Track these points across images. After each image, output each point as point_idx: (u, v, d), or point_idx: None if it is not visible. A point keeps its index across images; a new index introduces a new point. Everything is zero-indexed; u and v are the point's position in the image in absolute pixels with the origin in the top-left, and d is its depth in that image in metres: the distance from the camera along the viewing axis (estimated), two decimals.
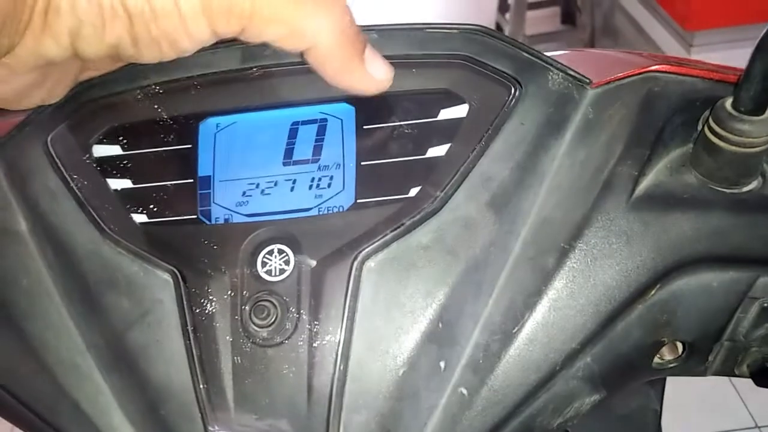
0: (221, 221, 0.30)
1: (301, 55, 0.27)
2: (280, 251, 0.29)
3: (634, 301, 0.27)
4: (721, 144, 0.26)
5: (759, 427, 1.37)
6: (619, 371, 0.28)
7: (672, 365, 0.30)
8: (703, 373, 0.31)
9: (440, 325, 0.27)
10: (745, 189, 0.27)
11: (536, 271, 0.28)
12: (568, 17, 2.42)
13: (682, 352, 0.29)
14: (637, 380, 0.31)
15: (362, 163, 0.30)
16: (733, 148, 0.26)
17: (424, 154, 0.30)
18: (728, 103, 0.26)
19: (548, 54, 0.32)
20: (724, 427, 1.38)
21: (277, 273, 0.29)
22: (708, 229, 0.27)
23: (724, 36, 1.88)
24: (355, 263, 0.28)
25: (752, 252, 0.27)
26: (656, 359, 0.30)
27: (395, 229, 0.28)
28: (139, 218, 0.30)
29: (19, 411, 0.30)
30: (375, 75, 0.28)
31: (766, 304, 0.27)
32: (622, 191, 0.28)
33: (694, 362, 0.30)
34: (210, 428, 0.27)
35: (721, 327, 0.28)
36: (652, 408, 0.54)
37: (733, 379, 1.50)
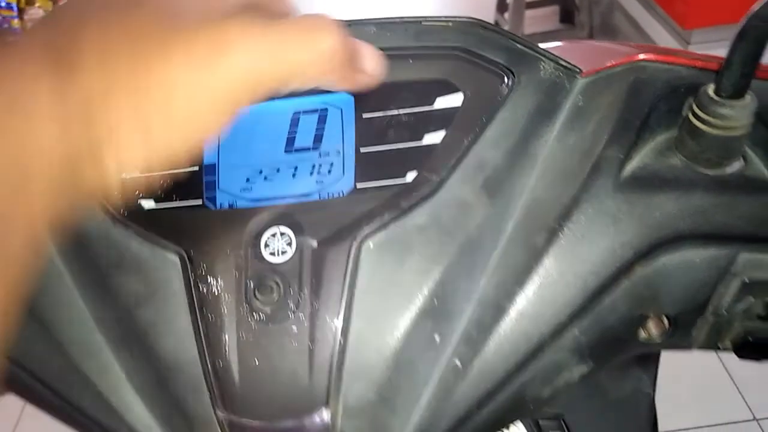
0: (226, 206, 0.31)
1: None
2: (283, 234, 0.30)
3: (619, 277, 0.28)
4: (704, 128, 0.27)
5: (757, 420, 1.38)
6: (605, 344, 0.30)
7: (658, 339, 0.31)
8: (688, 348, 0.32)
9: (435, 301, 0.29)
10: (727, 171, 0.29)
11: (527, 250, 0.29)
12: (567, 16, 2.43)
13: (668, 327, 0.31)
14: (624, 354, 0.33)
15: (361, 150, 0.31)
16: (716, 131, 0.27)
17: (420, 141, 0.31)
18: (710, 89, 0.27)
19: (542, 45, 0.33)
20: (722, 419, 1.39)
21: (280, 254, 0.30)
22: (691, 208, 0.28)
23: (721, 34, 1.90)
24: (354, 244, 0.29)
25: (733, 230, 0.28)
26: (642, 334, 0.31)
27: (393, 212, 0.30)
28: (147, 204, 0.32)
29: (32, 387, 0.31)
30: (368, 71, 0.27)
31: (746, 280, 0.29)
32: (609, 173, 0.29)
33: (678, 336, 0.31)
34: (217, 400, 0.29)
35: (703, 302, 0.29)
36: (645, 392, 0.55)
37: (731, 371, 1.52)
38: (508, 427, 0.49)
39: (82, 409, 0.31)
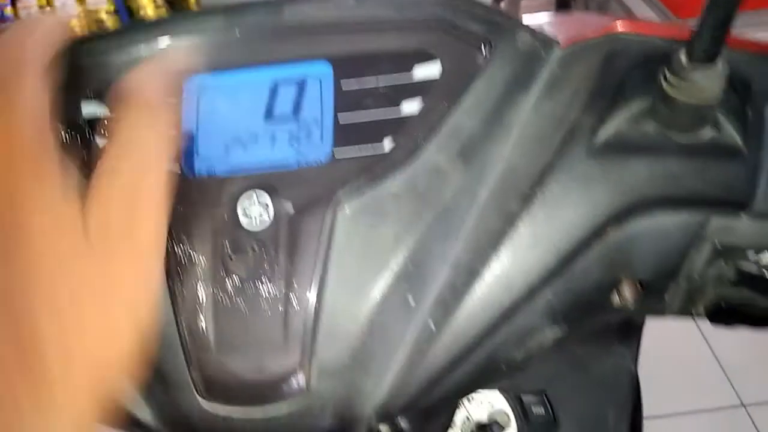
0: (204, 174, 0.32)
1: None
2: (260, 201, 0.30)
3: (592, 241, 0.29)
4: (677, 94, 0.28)
5: (744, 405, 1.40)
6: (579, 308, 0.30)
7: (631, 305, 0.31)
8: (662, 313, 0.32)
9: (410, 265, 0.29)
10: (700, 137, 0.29)
11: (501, 215, 0.29)
12: (563, 4, 2.43)
13: (641, 292, 0.31)
14: (597, 318, 0.33)
15: (340, 119, 0.32)
16: (688, 97, 0.27)
17: (398, 110, 0.31)
18: (683, 55, 0.28)
19: (524, 15, 0.33)
20: (710, 405, 1.40)
21: (257, 221, 0.30)
22: (663, 174, 0.28)
23: None
24: (331, 209, 0.30)
25: (704, 195, 0.28)
26: (616, 299, 0.32)
27: (369, 179, 0.30)
28: None
29: None
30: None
31: (717, 245, 0.29)
32: (582, 140, 0.29)
33: (652, 301, 0.31)
34: (192, 361, 0.29)
35: (675, 266, 0.30)
36: (627, 367, 0.56)
37: (720, 357, 1.53)
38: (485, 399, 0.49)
39: None
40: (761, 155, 0.28)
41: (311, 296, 0.29)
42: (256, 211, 0.30)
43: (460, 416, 0.56)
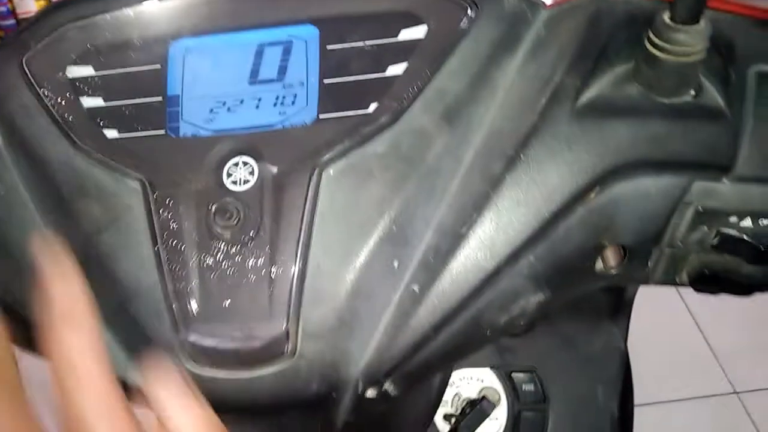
0: (189, 136, 0.32)
1: None
2: (245, 163, 0.30)
3: (574, 204, 0.29)
4: (660, 54, 0.28)
5: (737, 393, 1.40)
6: (562, 272, 0.30)
7: (614, 270, 0.32)
8: (645, 281, 0.32)
9: (394, 227, 0.29)
10: (683, 99, 0.29)
11: (485, 178, 0.29)
12: None
13: (624, 257, 0.31)
14: (582, 285, 0.33)
15: (325, 82, 0.32)
16: (671, 57, 0.27)
17: (384, 72, 0.31)
18: (666, 15, 0.28)
19: None
20: (703, 392, 1.41)
21: (242, 183, 0.30)
22: (645, 135, 0.28)
23: None
24: (315, 171, 0.29)
25: (686, 157, 0.28)
26: (599, 265, 0.32)
27: (354, 140, 0.30)
28: (110, 133, 0.32)
29: None
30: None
31: (699, 209, 0.29)
32: (566, 101, 0.29)
33: (635, 268, 0.31)
34: (177, 323, 0.29)
35: (658, 231, 0.30)
36: (617, 345, 0.56)
37: (713, 345, 1.54)
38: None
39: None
40: (743, 118, 0.28)
41: (296, 258, 0.29)
42: (240, 173, 0.30)
43: (450, 393, 0.56)
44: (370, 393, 0.30)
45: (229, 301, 0.29)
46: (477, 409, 0.52)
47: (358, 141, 0.30)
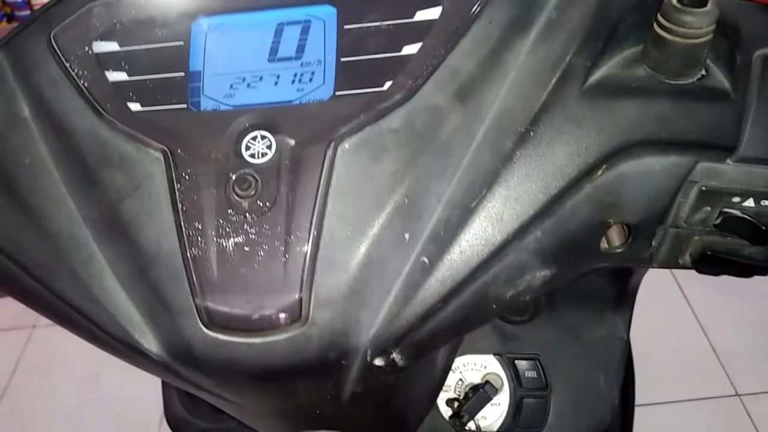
0: (209, 110, 0.33)
1: None
2: (263, 137, 0.31)
3: (582, 180, 0.30)
4: (668, 36, 0.28)
5: (739, 395, 1.40)
6: (567, 248, 0.31)
7: (619, 250, 0.32)
8: (649, 262, 0.33)
9: (406, 201, 0.30)
10: (689, 80, 0.30)
11: (496, 154, 0.30)
12: None
13: (628, 236, 0.32)
14: (586, 263, 0.34)
15: (342, 60, 0.33)
16: (678, 39, 0.28)
17: (399, 52, 0.32)
18: None
19: None
20: (705, 394, 1.41)
21: (260, 156, 0.31)
22: (652, 115, 0.29)
23: None
24: (331, 145, 0.30)
25: (691, 138, 0.29)
26: (603, 244, 0.32)
27: (369, 116, 0.31)
28: (134, 106, 0.33)
29: (20, 278, 0.33)
30: None
31: (704, 188, 0.30)
32: (575, 81, 0.30)
33: (638, 247, 0.32)
34: (195, 288, 0.30)
35: (663, 210, 0.31)
36: (619, 336, 0.57)
37: (715, 347, 1.53)
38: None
39: (65, 298, 0.32)
40: (748, 100, 0.29)
41: (310, 228, 0.30)
42: (259, 146, 0.31)
43: (454, 379, 0.57)
44: (379, 361, 0.31)
45: (245, 268, 0.30)
46: (479, 393, 0.53)
47: (373, 117, 0.31)
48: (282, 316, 0.30)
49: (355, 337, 0.30)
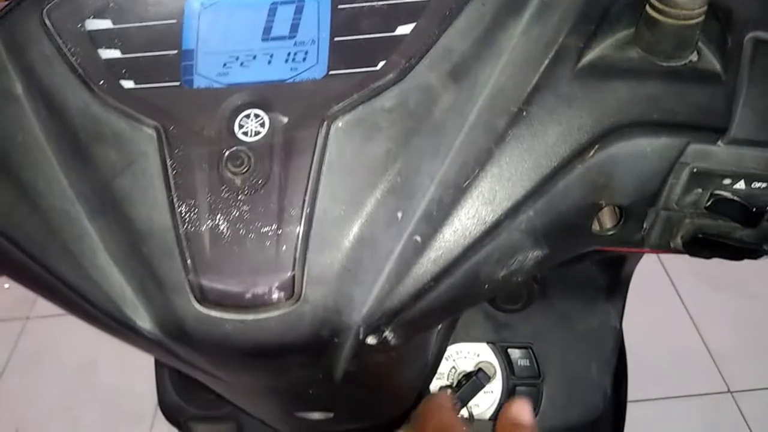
0: (203, 88, 0.33)
1: None
2: (256, 115, 0.31)
3: (574, 161, 0.30)
4: (660, 17, 0.29)
5: (731, 392, 1.41)
6: (559, 229, 0.31)
7: (610, 231, 0.33)
8: (640, 244, 0.33)
9: (399, 179, 0.30)
10: (681, 62, 0.30)
11: (488, 133, 0.30)
12: None
13: (619, 218, 0.32)
14: (578, 245, 0.34)
15: (336, 39, 0.33)
16: (670, 20, 0.28)
17: (393, 32, 0.32)
18: None
19: None
20: (697, 390, 1.42)
21: (253, 134, 0.31)
22: (644, 96, 0.29)
23: None
24: (324, 123, 0.31)
25: (683, 119, 0.29)
26: (595, 226, 0.33)
27: (362, 94, 0.31)
28: (127, 84, 0.33)
29: (13, 255, 0.33)
30: None
31: (695, 170, 0.30)
32: (568, 62, 0.30)
33: (630, 230, 0.32)
34: (188, 265, 0.30)
35: (654, 192, 0.31)
36: (612, 325, 0.57)
37: (708, 343, 1.54)
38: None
39: (58, 275, 0.32)
40: (739, 82, 0.29)
41: (303, 206, 0.30)
42: (252, 124, 0.31)
43: (446, 367, 0.57)
44: (371, 339, 0.31)
45: (237, 245, 0.30)
46: (472, 381, 0.53)
47: (367, 95, 0.31)
48: (275, 293, 0.30)
49: (348, 314, 0.30)
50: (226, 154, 0.30)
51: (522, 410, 0.44)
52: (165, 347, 0.32)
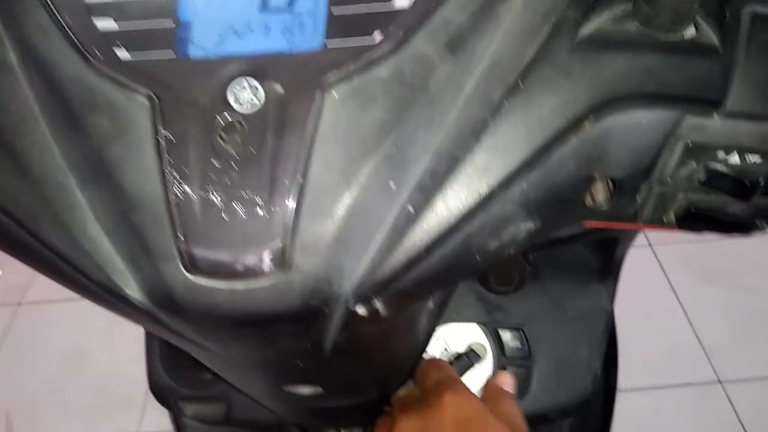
0: (198, 58, 0.32)
1: None
2: (251, 84, 0.31)
3: (568, 133, 0.30)
4: None
5: (721, 382, 1.42)
6: (552, 201, 0.31)
7: (604, 206, 0.33)
8: (633, 219, 0.33)
9: (394, 150, 0.30)
10: (679, 36, 0.30)
11: (484, 104, 0.30)
12: None
13: (613, 192, 0.32)
14: (571, 218, 0.34)
15: (333, 11, 0.32)
16: None
17: (391, 4, 0.32)
18: None
19: None
20: (687, 380, 1.43)
21: (248, 104, 0.31)
22: (641, 67, 0.29)
23: None
24: (319, 93, 0.30)
25: (678, 91, 0.29)
26: (588, 200, 0.33)
27: (358, 65, 0.31)
28: (122, 54, 0.33)
29: (5, 226, 0.33)
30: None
31: (689, 143, 0.30)
32: (566, 34, 0.30)
33: (623, 204, 0.32)
34: (178, 233, 0.30)
35: (648, 164, 0.31)
36: (604, 308, 0.58)
37: (699, 333, 1.55)
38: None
39: (48, 244, 0.32)
40: (735, 56, 0.29)
41: (296, 174, 0.30)
42: (246, 95, 0.31)
43: (438, 347, 0.57)
44: (361, 309, 0.31)
45: (229, 214, 0.30)
46: (463, 359, 0.54)
47: (363, 66, 0.31)
48: (265, 262, 0.30)
49: (338, 284, 0.30)
50: (220, 123, 0.30)
51: (505, 380, 0.49)
52: (154, 317, 0.32)
